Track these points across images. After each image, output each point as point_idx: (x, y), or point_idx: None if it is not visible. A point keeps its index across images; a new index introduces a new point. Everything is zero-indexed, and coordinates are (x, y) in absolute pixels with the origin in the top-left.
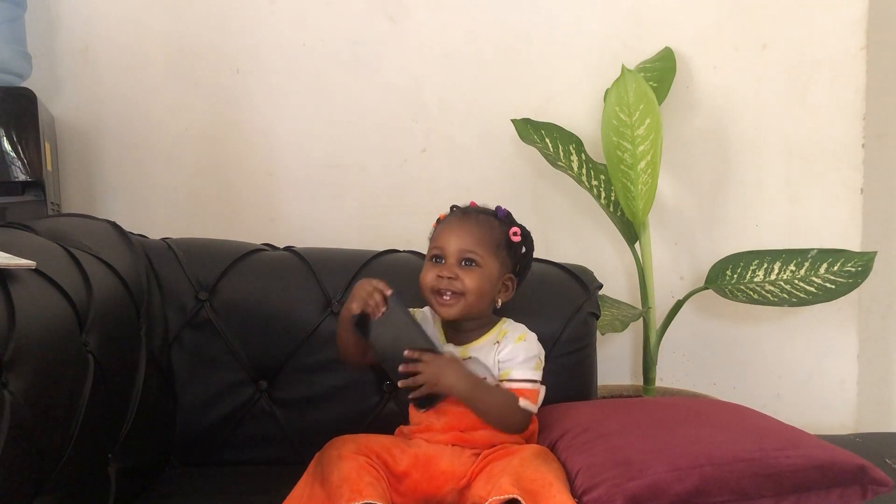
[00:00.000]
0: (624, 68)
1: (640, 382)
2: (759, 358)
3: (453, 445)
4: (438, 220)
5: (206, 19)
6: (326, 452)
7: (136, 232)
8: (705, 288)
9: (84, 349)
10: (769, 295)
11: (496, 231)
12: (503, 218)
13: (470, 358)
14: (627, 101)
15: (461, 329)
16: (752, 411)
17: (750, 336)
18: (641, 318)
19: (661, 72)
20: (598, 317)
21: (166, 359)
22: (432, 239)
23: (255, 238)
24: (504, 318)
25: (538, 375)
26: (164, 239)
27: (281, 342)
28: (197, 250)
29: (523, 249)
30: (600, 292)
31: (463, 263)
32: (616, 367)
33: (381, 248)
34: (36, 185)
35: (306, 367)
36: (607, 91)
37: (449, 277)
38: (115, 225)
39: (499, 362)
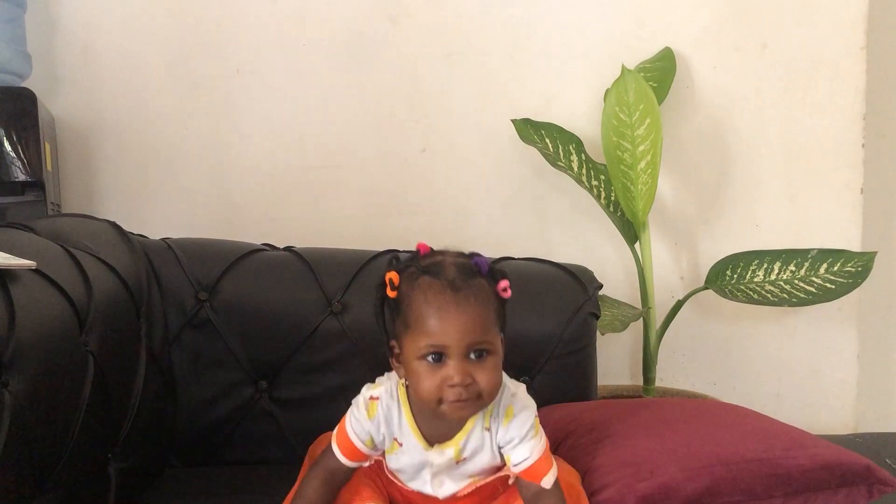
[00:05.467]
0: (624, 68)
1: (640, 382)
2: (759, 358)
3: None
4: (393, 285)
5: (205, 19)
6: (318, 450)
7: (136, 232)
8: (705, 288)
9: (84, 349)
10: (769, 295)
11: (490, 297)
12: (487, 273)
13: (464, 460)
14: (627, 101)
15: (442, 419)
16: (755, 412)
17: (750, 336)
18: (641, 318)
19: (661, 72)
20: (598, 317)
21: (166, 359)
22: (413, 325)
23: (255, 238)
24: None
25: (538, 438)
26: (164, 239)
27: (281, 342)
28: (197, 250)
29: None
30: (600, 292)
31: (472, 356)
32: (616, 367)
33: (381, 248)
34: (36, 185)
35: (306, 367)
36: (607, 91)
37: (466, 385)
38: (115, 225)
39: (499, 448)
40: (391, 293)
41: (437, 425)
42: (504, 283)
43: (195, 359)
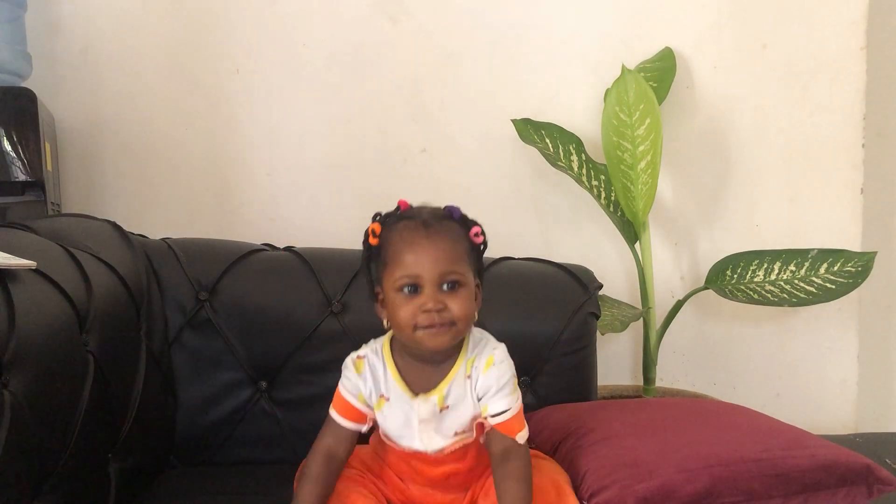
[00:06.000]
0: (624, 68)
1: (640, 382)
2: (759, 358)
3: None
4: (375, 234)
5: (205, 19)
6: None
7: (136, 232)
8: (705, 288)
9: (84, 349)
10: (769, 295)
11: (461, 237)
12: (459, 219)
13: (448, 407)
14: (627, 101)
15: (425, 368)
16: (754, 412)
17: (750, 336)
18: (641, 318)
19: (661, 72)
20: (598, 317)
21: (166, 359)
22: (391, 262)
23: (255, 238)
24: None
25: (516, 396)
26: (164, 239)
27: (281, 342)
28: (197, 250)
29: (483, 249)
30: (600, 292)
31: (445, 287)
32: (616, 367)
33: None
34: (36, 185)
35: (306, 367)
36: (607, 91)
37: (438, 310)
38: (115, 225)
39: (477, 399)
40: (373, 241)
41: (420, 375)
42: (476, 229)
43: (195, 359)
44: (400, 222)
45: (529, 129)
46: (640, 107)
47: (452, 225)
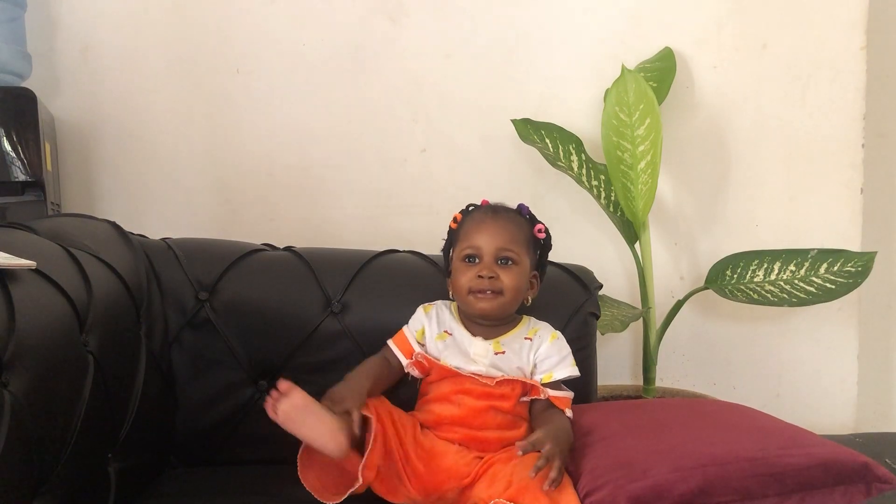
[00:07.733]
0: (624, 68)
1: (640, 382)
2: (759, 358)
3: (460, 445)
4: (456, 220)
5: (205, 19)
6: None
7: (136, 232)
8: (705, 288)
9: (84, 349)
10: (769, 295)
11: (524, 228)
12: (527, 215)
13: (504, 352)
14: (627, 101)
15: (485, 324)
16: (754, 411)
17: (750, 336)
18: (641, 318)
19: (661, 72)
20: (598, 317)
21: (166, 359)
22: (461, 239)
23: (255, 238)
24: (524, 316)
25: (576, 369)
26: (164, 239)
27: (281, 342)
28: (197, 250)
29: (545, 246)
30: (600, 292)
31: (499, 262)
32: (616, 367)
33: (381, 248)
34: (36, 185)
35: (306, 367)
36: (607, 91)
37: (490, 277)
38: (115, 225)
39: (535, 362)
40: (453, 225)
41: (479, 328)
42: (540, 227)
43: (195, 359)
44: (476, 211)
45: (529, 129)
46: (640, 107)
47: (517, 217)
